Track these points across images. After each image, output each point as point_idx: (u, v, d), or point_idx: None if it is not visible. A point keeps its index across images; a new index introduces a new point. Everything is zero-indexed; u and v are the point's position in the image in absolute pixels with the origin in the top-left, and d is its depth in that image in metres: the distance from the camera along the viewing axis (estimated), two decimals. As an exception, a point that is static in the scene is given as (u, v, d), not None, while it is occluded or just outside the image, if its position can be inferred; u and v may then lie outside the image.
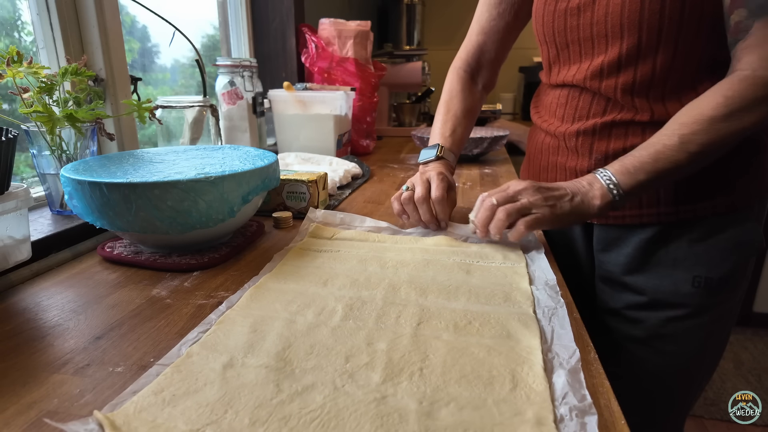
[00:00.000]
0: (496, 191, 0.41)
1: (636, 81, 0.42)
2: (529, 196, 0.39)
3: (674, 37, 0.40)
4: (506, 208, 0.39)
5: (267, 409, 0.22)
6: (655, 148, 0.38)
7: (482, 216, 0.40)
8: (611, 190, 0.39)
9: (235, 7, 0.92)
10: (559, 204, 0.39)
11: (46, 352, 0.28)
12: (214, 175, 0.38)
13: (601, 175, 0.40)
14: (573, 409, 0.22)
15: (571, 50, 0.46)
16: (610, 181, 0.39)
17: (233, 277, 0.38)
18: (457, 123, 0.56)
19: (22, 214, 0.35)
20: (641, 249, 0.46)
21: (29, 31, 0.52)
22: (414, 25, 1.52)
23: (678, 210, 0.44)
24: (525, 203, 0.39)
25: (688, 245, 0.44)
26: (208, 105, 0.65)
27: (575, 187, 0.40)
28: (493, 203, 0.40)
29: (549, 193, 0.39)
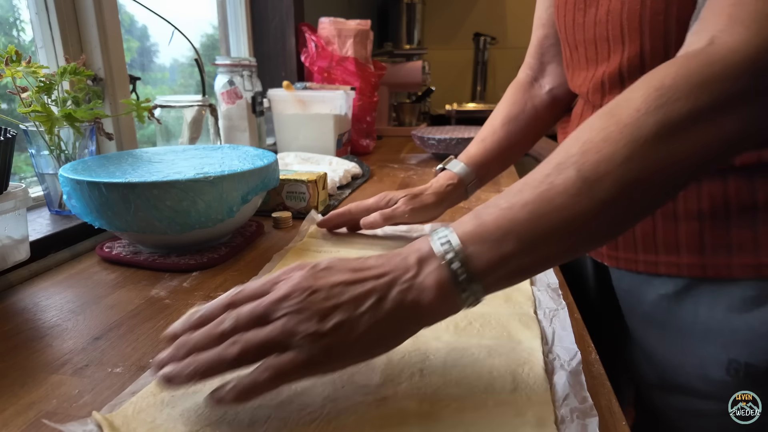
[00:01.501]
0: (240, 293, 0.22)
1: None
2: (286, 308, 0.20)
3: None
4: (233, 350, 0.19)
5: (266, 410, 0.22)
6: (535, 191, 0.20)
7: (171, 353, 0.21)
8: (456, 275, 0.20)
9: (235, 6, 0.92)
10: (346, 328, 0.20)
11: (44, 352, 0.28)
12: (213, 174, 0.38)
13: (438, 243, 0.21)
14: (574, 410, 0.22)
15: (580, 53, 0.38)
16: (454, 256, 0.20)
17: (232, 277, 0.38)
18: (488, 132, 0.46)
19: (21, 214, 0.35)
20: (659, 307, 0.34)
21: (23, 28, 0.52)
22: (414, 24, 1.52)
23: (706, 263, 0.31)
24: (270, 337, 0.19)
25: (725, 313, 0.31)
26: (207, 104, 0.65)
27: (391, 274, 0.21)
28: (223, 330, 0.20)
29: (330, 301, 0.20)
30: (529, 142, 0.47)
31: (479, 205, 0.23)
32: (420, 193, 0.43)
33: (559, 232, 0.20)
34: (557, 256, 0.22)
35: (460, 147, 0.83)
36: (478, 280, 0.21)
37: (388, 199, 0.43)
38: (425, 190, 0.43)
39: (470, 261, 0.20)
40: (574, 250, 0.22)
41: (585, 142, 0.21)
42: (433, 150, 0.87)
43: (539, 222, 0.20)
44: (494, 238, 0.20)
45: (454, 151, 0.84)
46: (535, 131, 0.46)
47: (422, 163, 0.85)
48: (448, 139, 0.84)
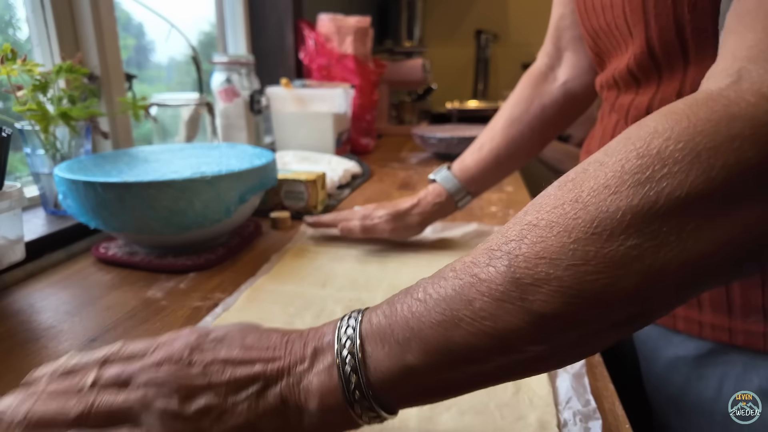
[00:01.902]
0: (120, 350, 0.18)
1: (653, 105, 0.27)
2: (151, 376, 0.17)
3: (707, 46, 0.23)
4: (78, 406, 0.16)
5: None
6: (457, 282, 0.15)
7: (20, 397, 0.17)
8: (346, 382, 0.16)
9: (232, 2, 0.91)
10: (214, 414, 0.16)
11: (40, 354, 0.28)
12: (210, 174, 0.37)
13: (342, 331, 0.17)
14: (577, 413, 0.22)
15: (599, 44, 0.32)
16: (348, 355, 0.16)
17: (230, 278, 0.38)
18: (487, 138, 0.41)
19: (16, 214, 0.35)
20: (677, 371, 0.28)
21: (18, 26, 0.52)
22: (414, 21, 1.51)
23: (733, 327, 0.25)
24: (122, 404, 0.16)
25: (763, 397, 0.25)
26: (204, 103, 0.65)
27: (280, 361, 0.17)
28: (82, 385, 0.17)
29: (200, 380, 0.16)
30: (535, 148, 0.41)
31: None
32: (405, 212, 0.40)
33: (479, 349, 0.14)
34: (487, 377, 0.16)
35: (461, 146, 0.83)
36: (376, 393, 0.15)
37: (371, 216, 0.41)
38: (411, 208, 0.41)
39: (368, 365, 0.15)
40: (506, 373, 0.16)
41: (529, 222, 0.15)
42: (433, 149, 0.86)
43: (453, 330, 0.14)
44: (398, 340, 0.15)
45: (455, 151, 0.84)
46: (541, 135, 0.40)
47: (423, 163, 0.85)
48: (449, 138, 0.83)
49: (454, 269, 0.16)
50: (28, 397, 0.17)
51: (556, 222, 0.14)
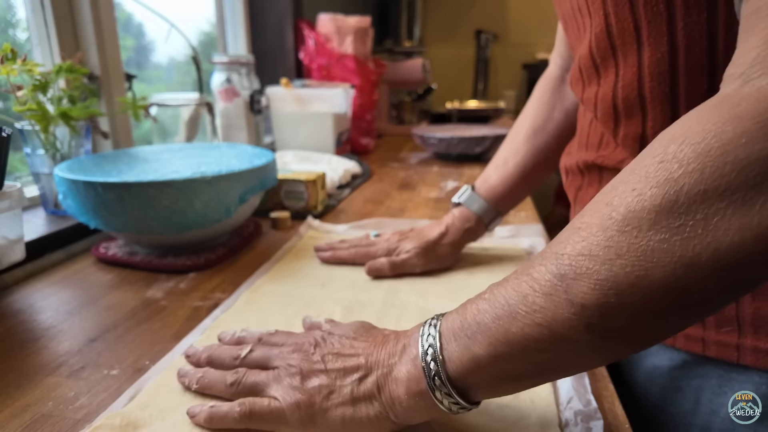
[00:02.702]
0: (272, 334, 0.25)
1: (617, 93, 0.25)
2: (284, 360, 0.22)
3: (669, 20, 0.21)
4: (233, 377, 0.22)
5: None
6: (516, 281, 0.18)
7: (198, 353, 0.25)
8: (428, 370, 0.18)
9: (232, 2, 0.91)
10: (325, 392, 0.20)
11: (40, 354, 0.28)
12: (210, 174, 0.37)
13: (425, 330, 0.20)
14: (578, 413, 0.22)
15: (569, 32, 0.30)
16: (432, 349, 0.19)
17: (230, 278, 0.38)
18: (511, 152, 0.39)
19: (16, 214, 0.35)
20: (653, 382, 0.28)
21: (23, 27, 0.52)
22: (414, 21, 1.51)
23: (706, 338, 0.25)
24: (261, 380, 0.22)
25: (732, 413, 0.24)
26: (204, 102, 0.65)
27: (377, 356, 0.21)
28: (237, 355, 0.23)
29: (318, 365, 0.21)
30: (548, 151, 0.38)
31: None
32: (435, 243, 0.37)
33: (534, 339, 0.16)
34: (548, 369, 0.17)
35: (461, 146, 0.83)
36: (454, 381, 0.18)
37: (398, 251, 0.37)
38: (440, 238, 0.37)
39: (445, 358, 0.18)
40: (564, 364, 0.17)
41: (573, 226, 0.17)
42: (433, 149, 0.86)
43: (511, 323, 0.17)
44: (467, 334, 0.18)
45: (455, 151, 0.84)
46: (568, 142, 0.37)
47: (423, 162, 0.85)
48: (449, 137, 0.83)
49: (516, 271, 0.18)
50: (203, 356, 0.25)
51: (594, 224, 0.16)
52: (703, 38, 0.22)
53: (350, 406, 0.20)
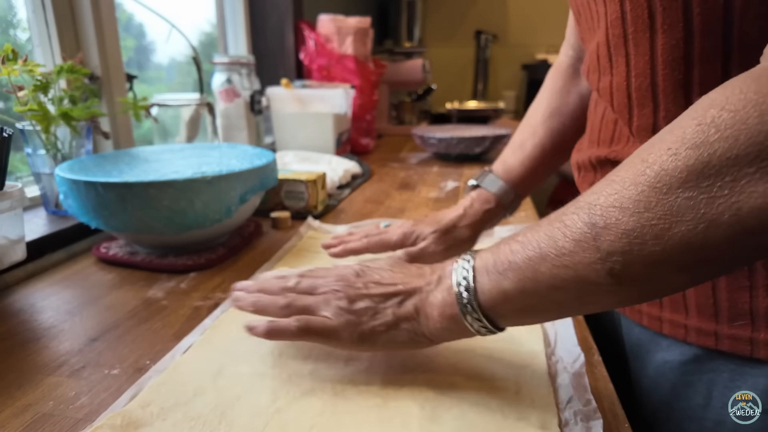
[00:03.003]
0: (311, 271, 0.27)
1: (631, 82, 0.25)
2: (330, 287, 0.24)
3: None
4: (285, 300, 0.25)
5: (263, 418, 0.22)
6: (547, 227, 0.20)
7: (247, 284, 0.27)
8: (461, 298, 0.21)
9: (233, 3, 0.91)
10: (370, 313, 0.23)
11: (41, 353, 0.28)
12: (210, 174, 0.37)
13: (459, 264, 0.22)
14: (578, 413, 0.22)
15: (582, 22, 0.30)
16: (463, 280, 0.21)
17: (230, 278, 0.38)
18: (528, 134, 0.39)
19: (17, 214, 0.35)
20: (664, 376, 0.28)
21: (23, 27, 0.52)
22: (414, 22, 1.51)
23: (720, 332, 0.25)
24: (311, 302, 0.24)
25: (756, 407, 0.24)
26: (204, 103, 0.65)
27: (415, 283, 0.23)
28: (285, 285, 0.26)
29: (362, 290, 0.24)
30: (577, 139, 0.37)
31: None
32: (453, 227, 0.36)
33: (560, 279, 0.18)
34: (567, 306, 0.20)
35: (461, 146, 0.83)
36: (484, 309, 0.21)
37: (415, 236, 0.36)
38: (458, 220, 0.36)
39: (477, 289, 0.21)
40: (582, 303, 0.20)
41: (608, 179, 0.18)
42: (433, 149, 0.87)
43: (540, 263, 0.19)
44: (498, 270, 0.21)
45: (455, 151, 0.84)
46: (583, 125, 0.36)
47: (423, 163, 0.85)
48: (448, 138, 0.83)
49: (549, 218, 0.20)
50: (253, 288, 0.27)
51: (627, 178, 0.17)
52: (719, 24, 0.21)
53: (392, 325, 0.23)
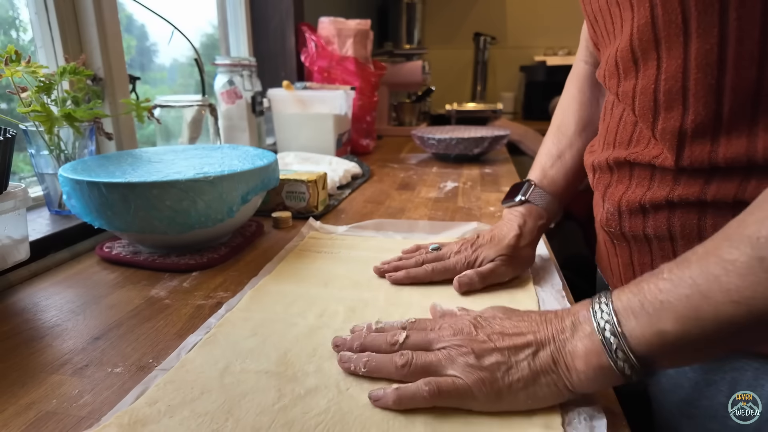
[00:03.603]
0: (414, 322, 0.26)
1: (659, 86, 0.25)
2: (450, 342, 0.23)
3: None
4: (402, 359, 0.23)
5: (269, 415, 0.22)
6: (701, 263, 0.19)
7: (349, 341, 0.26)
8: (608, 344, 0.20)
9: (234, 5, 0.92)
10: (503, 368, 0.22)
11: (44, 352, 0.28)
12: (213, 174, 0.38)
13: (597, 309, 0.21)
14: (581, 412, 0.22)
15: (598, 28, 0.30)
16: (609, 325, 0.20)
17: (232, 277, 0.38)
18: (566, 145, 0.38)
19: (21, 214, 0.35)
20: (684, 376, 0.28)
21: (26, 29, 0.52)
22: (414, 24, 1.52)
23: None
24: (433, 360, 0.23)
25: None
26: (206, 104, 0.65)
27: (545, 332, 0.22)
28: (396, 340, 0.24)
29: (489, 344, 0.22)
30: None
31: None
32: (515, 248, 0.35)
33: (728, 315, 0.18)
34: (734, 343, 0.19)
35: (460, 147, 0.83)
36: (636, 354, 0.20)
37: (480, 260, 0.35)
38: (518, 241, 0.36)
39: (626, 333, 0.20)
40: (753, 339, 0.19)
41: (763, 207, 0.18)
42: (433, 150, 0.87)
43: (702, 301, 0.18)
44: (648, 312, 0.19)
45: (454, 151, 0.84)
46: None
47: (422, 163, 0.85)
48: (448, 138, 0.84)
49: (696, 253, 0.19)
50: (355, 344, 0.25)
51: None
52: (756, 29, 0.21)
53: (531, 380, 0.22)
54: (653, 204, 0.27)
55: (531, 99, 1.63)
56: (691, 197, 0.25)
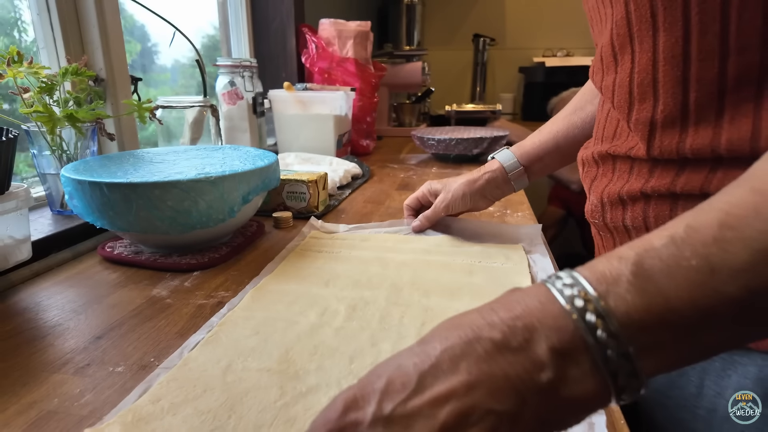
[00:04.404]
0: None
1: (633, 79, 0.25)
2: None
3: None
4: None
5: (271, 412, 0.22)
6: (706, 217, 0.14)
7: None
8: (584, 320, 0.14)
9: (236, 7, 0.92)
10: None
11: (46, 351, 0.28)
12: (214, 175, 0.38)
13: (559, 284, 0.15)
14: None
15: (593, 25, 0.31)
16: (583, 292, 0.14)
17: (233, 277, 0.38)
18: (549, 123, 0.44)
19: (23, 214, 0.35)
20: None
21: (24, 28, 0.52)
22: (414, 25, 1.52)
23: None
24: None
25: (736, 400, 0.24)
26: (208, 105, 0.65)
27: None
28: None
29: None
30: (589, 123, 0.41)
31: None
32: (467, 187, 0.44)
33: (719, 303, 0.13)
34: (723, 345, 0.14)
35: (460, 147, 0.83)
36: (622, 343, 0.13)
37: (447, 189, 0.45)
38: (475, 180, 0.44)
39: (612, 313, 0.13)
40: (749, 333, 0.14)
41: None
42: (432, 150, 0.87)
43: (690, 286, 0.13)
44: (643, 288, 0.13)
45: (454, 152, 0.85)
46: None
47: (422, 164, 0.86)
48: (447, 139, 0.84)
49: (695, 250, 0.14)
50: None
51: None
52: (716, 23, 0.22)
53: None
54: (630, 196, 0.27)
55: (530, 100, 1.64)
56: (662, 189, 0.25)
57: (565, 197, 1.24)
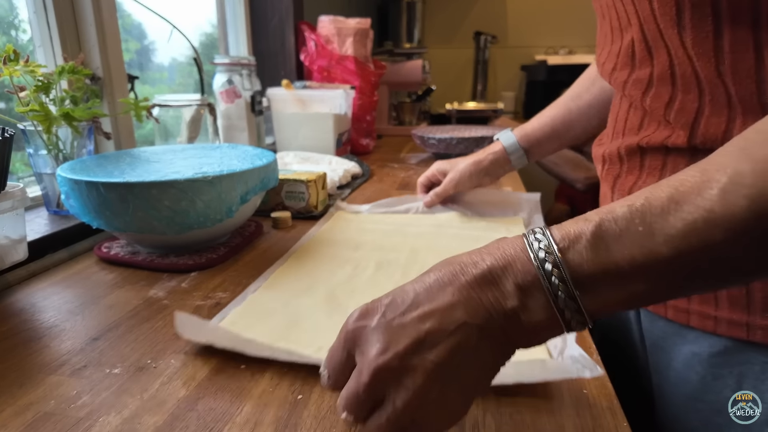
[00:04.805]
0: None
1: (653, 73, 0.26)
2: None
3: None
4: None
5: (324, 328, 0.29)
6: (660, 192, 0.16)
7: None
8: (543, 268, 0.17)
9: (234, 4, 0.92)
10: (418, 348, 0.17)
11: (42, 353, 0.28)
12: (211, 174, 0.38)
13: (532, 238, 0.18)
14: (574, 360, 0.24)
15: (605, 16, 0.31)
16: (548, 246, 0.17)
17: (231, 277, 0.38)
18: (549, 108, 0.47)
19: (19, 214, 0.35)
20: (692, 369, 0.28)
21: (24, 29, 0.52)
22: (414, 23, 1.51)
23: (752, 323, 0.24)
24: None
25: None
26: (205, 104, 0.65)
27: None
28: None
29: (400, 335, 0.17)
30: (591, 124, 0.44)
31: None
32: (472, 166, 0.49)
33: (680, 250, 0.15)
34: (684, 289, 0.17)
35: (461, 146, 0.83)
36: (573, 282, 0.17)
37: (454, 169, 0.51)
38: (481, 161, 0.49)
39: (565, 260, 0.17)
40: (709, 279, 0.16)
41: (743, 141, 0.16)
42: (433, 149, 0.87)
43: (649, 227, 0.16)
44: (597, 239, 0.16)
45: (454, 151, 0.84)
46: (598, 112, 0.43)
47: (422, 163, 0.85)
48: (448, 138, 0.83)
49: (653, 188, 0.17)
50: None
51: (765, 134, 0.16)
52: (749, 14, 0.22)
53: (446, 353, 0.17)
54: None
55: (532, 98, 1.63)
56: None
57: (571, 195, 1.25)
